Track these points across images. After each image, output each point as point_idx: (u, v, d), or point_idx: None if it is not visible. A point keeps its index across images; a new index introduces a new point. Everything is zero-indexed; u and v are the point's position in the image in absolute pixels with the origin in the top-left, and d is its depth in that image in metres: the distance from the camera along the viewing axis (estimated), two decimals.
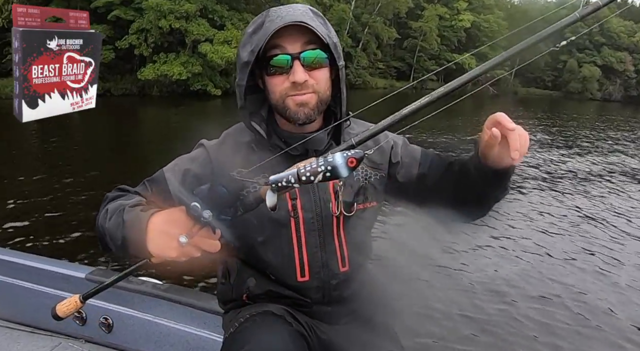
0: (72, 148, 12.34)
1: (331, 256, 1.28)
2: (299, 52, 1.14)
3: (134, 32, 26.31)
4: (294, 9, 1.16)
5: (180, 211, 0.97)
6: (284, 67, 1.14)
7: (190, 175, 1.25)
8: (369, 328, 1.34)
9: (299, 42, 1.14)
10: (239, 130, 1.33)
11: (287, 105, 1.17)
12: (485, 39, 57.02)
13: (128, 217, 1.06)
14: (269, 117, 1.29)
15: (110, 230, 1.09)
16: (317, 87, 1.17)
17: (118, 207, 1.12)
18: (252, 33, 1.16)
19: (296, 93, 1.16)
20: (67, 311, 1.27)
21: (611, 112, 36.39)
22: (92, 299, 2.09)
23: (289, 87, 1.15)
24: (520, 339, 4.27)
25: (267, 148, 1.26)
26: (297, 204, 1.24)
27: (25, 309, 2.23)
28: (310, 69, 1.15)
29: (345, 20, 43.30)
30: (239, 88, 1.20)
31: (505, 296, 4.99)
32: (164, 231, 0.98)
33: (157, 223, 1.00)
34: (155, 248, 1.00)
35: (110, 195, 1.25)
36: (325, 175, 0.90)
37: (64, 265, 2.23)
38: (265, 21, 1.15)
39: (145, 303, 2.07)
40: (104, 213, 1.14)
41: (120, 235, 1.06)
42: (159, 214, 1.02)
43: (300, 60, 1.14)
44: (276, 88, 1.17)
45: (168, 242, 0.97)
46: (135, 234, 1.02)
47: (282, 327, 1.18)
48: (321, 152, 1.25)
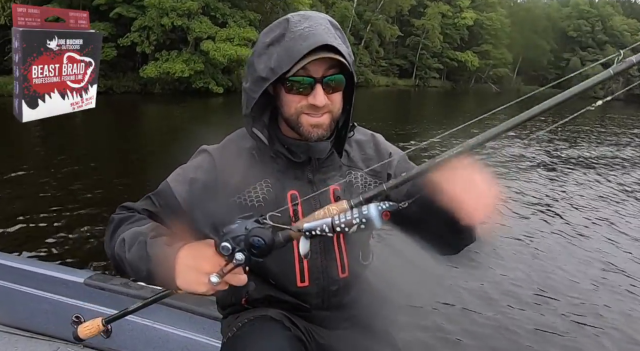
0: (74, 146, 12.29)
1: (331, 262, 1.28)
2: (322, 76, 1.13)
3: (136, 30, 26.27)
4: (316, 21, 1.13)
5: (209, 247, 1.02)
6: (305, 88, 1.13)
7: (197, 185, 1.24)
8: (368, 334, 1.34)
9: (322, 65, 1.12)
10: (241, 136, 1.32)
11: (301, 123, 1.17)
12: (487, 36, 56.91)
13: (153, 252, 1.07)
14: (270, 124, 1.28)
15: (132, 262, 1.10)
16: (332, 107, 1.18)
17: (135, 236, 1.13)
18: (269, 44, 1.14)
19: (312, 114, 1.16)
20: (89, 334, 1.27)
21: (614, 111, 36.35)
22: (90, 304, 2.12)
23: (306, 106, 1.15)
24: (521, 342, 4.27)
25: (269, 155, 1.26)
26: (298, 210, 1.24)
27: (23, 314, 2.22)
28: (329, 92, 1.15)
29: (348, 17, 43.24)
30: (249, 99, 1.18)
31: (508, 302, 4.98)
32: (193, 267, 1.01)
33: (186, 259, 1.03)
34: (184, 283, 1.03)
35: (117, 217, 1.24)
36: (359, 226, 0.95)
37: (62, 270, 2.22)
38: (287, 35, 1.12)
39: (144, 308, 2.07)
40: (120, 243, 1.15)
41: (145, 269, 1.08)
42: (186, 249, 1.04)
43: (322, 85, 1.13)
44: (292, 105, 1.16)
45: (197, 278, 1.00)
46: (162, 270, 1.05)
47: (280, 332, 1.18)
48: (323, 160, 1.27)
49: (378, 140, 1.42)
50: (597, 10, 65.27)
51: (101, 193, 7.92)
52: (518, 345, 4.21)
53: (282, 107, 1.19)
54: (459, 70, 56.96)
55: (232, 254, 0.96)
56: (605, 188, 10.54)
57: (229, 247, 0.96)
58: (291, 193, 1.24)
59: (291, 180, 1.25)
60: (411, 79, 54.86)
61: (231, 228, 0.98)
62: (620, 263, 6.16)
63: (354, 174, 1.33)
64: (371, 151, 1.38)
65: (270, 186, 1.24)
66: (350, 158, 1.34)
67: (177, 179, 1.26)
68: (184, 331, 2.02)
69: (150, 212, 1.26)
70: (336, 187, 1.27)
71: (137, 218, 1.23)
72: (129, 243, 1.12)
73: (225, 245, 0.96)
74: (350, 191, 1.30)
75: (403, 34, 52.60)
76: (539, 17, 62.11)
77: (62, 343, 2.18)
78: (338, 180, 1.29)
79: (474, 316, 4.60)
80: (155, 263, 1.06)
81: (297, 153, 1.24)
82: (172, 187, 1.25)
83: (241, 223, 0.98)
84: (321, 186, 1.26)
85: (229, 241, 0.96)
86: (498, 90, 58.13)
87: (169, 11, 25.57)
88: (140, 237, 1.11)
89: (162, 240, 1.10)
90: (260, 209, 1.20)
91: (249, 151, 1.28)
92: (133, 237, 1.13)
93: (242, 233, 0.96)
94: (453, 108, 30.48)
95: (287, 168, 1.26)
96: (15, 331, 2.23)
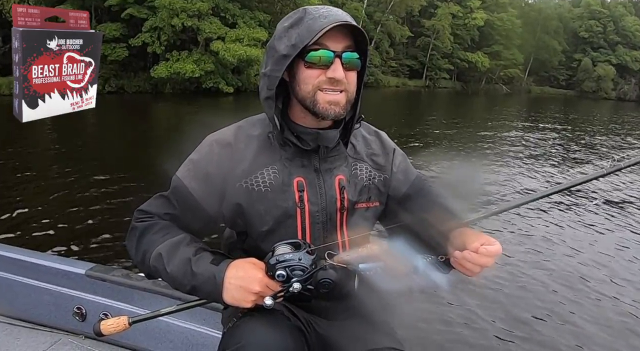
0: (85, 145, 12.39)
1: (333, 251, 1.29)
2: (341, 51, 1.17)
3: (147, 30, 26.44)
4: (335, 10, 1.19)
5: (257, 270, 1.13)
6: (325, 63, 1.17)
7: (214, 180, 1.25)
8: (367, 324, 1.35)
9: (341, 43, 1.17)
10: (250, 123, 1.34)
11: (317, 100, 1.19)
12: (498, 37, 56.60)
13: (199, 270, 1.16)
14: (282, 111, 1.30)
15: (174, 277, 1.19)
16: (348, 87, 1.21)
17: (173, 249, 1.20)
18: (288, 27, 1.18)
19: (329, 89, 1.18)
20: (112, 331, 1.28)
21: (627, 111, 36.07)
22: (92, 295, 2.13)
23: (324, 81, 1.18)
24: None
25: (279, 142, 1.28)
26: (304, 196, 1.26)
27: (25, 305, 2.23)
28: (346, 69, 1.18)
29: (358, 18, 43.14)
30: (271, 79, 1.20)
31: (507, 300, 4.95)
32: (242, 287, 1.12)
33: (234, 280, 1.13)
34: (232, 300, 1.13)
35: (140, 225, 1.26)
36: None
37: (64, 261, 2.22)
38: (306, 18, 1.17)
39: (145, 299, 2.06)
40: (156, 257, 1.20)
41: (190, 285, 1.17)
42: (234, 268, 1.15)
43: (341, 59, 1.17)
44: (310, 81, 1.19)
45: (246, 297, 1.12)
46: (209, 287, 1.15)
47: (280, 322, 1.19)
48: (330, 150, 1.30)
49: (382, 137, 1.46)
50: (609, 10, 64.69)
51: (106, 187, 8.03)
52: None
53: (299, 86, 1.21)
54: (470, 71, 56.69)
55: (289, 283, 1.09)
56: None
57: (284, 275, 1.08)
58: (297, 180, 1.26)
59: (298, 167, 1.28)
60: (421, 80, 54.67)
61: (285, 257, 1.09)
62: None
63: (359, 166, 1.36)
64: (376, 147, 1.43)
65: (277, 172, 1.26)
66: (356, 151, 1.38)
67: (190, 175, 1.27)
68: (184, 322, 2.02)
69: (171, 215, 1.28)
70: (341, 177, 1.31)
71: (161, 225, 1.26)
72: (167, 257, 1.19)
73: (281, 273, 1.08)
74: (355, 182, 1.34)
75: (413, 34, 52.44)
76: (550, 18, 61.69)
77: (63, 334, 2.19)
78: (343, 171, 1.32)
79: (475, 311, 4.59)
80: (202, 281, 1.15)
81: (306, 141, 1.26)
82: (187, 184, 1.26)
83: (293, 253, 1.11)
84: (327, 175, 1.29)
85: (285, 270, 1.08)
86: (508, 90, 57.83)
87: (179, 12, 25.70)
88: (180, 254, 1.19)
89: (206, 257, 1.19)
90: (267, 194, 1.24)
91: (259, 138, 1.30)
92: (171, 251, 1.20)
93: (296, 264, 1.09)
94: (464, 109, 30.41)
95: (294, 155, 1.28)
96: (17, 322, 2.24)
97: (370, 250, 1.14)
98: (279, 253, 1.11)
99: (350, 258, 1.14)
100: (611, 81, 61.00)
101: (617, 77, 61.60)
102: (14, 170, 9.07)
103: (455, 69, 56.24)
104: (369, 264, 1.09)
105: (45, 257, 2.30)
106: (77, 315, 2.14)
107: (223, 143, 1.28)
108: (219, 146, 1.28)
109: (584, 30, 64.24)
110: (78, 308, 2.14)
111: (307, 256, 1.10)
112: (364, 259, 1.13)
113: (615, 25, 63.15)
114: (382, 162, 1.40)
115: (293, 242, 1.15)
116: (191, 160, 1.30)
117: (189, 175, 1.27)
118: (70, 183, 8.30)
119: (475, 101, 42.38)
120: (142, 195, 7.28)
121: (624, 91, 61.82)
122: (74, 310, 2.14)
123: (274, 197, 1.24)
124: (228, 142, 1.28)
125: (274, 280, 1.11)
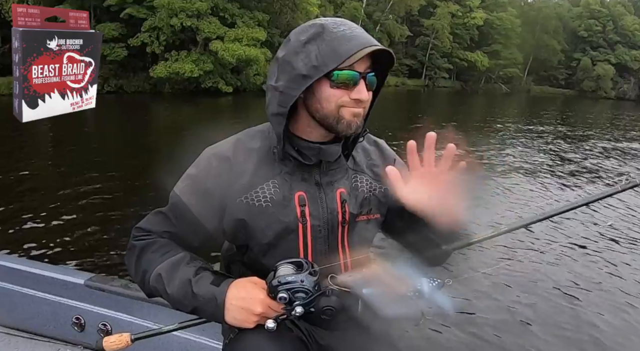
0: (85, 145, 12.34)
1: (334, 262, 1.28)
2: (365, 72, 1.16)
3: (146, 30, 26.44)
4: (352, 25, 1.18)
5: (259, 290, 1.13)
6: (349, 82, 1.15)
7: (213, 195, 1.23)
8: (369, 335, 1.34)
9: (365, 63, 1.16)
10: (249, 136, 1.32)
11: (343, 116, 1.18)
12: (497, 36, 56.59)
13: (199, 291, 1.16)
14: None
15: (175, 298, 1.18)
16: (366, 105, 1.21)
17: (172, 269, 1.19)
18: (305, 42, 1.15)
19: (353, 107, 1.17)
20: (115, 348, 1.29)
21: (626, 111, 36.00)
22: (90, 305, 2.13)
23: (348, 101, 1.16)
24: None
25: (279, 157, 1.26)
26: (305, 211, 1.25)
27: (24, 315, 2.22)
28: (368, 89, 1.18)
29: (357, 18, 43.17)
30: (285, 97, 1.16)
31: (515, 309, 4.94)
32: (244, 309, 1.12)
33: (236, 301, 1.13)
34: (233, 320, 1.14)
35: (138, 244, 1.25)
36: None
37: (62, 271, 2.22)
38: (325, 35, 1.14)
39: (144, 309, 2.06)
40: (156, 277, 1.20)
41: (191, 305, 1.17)
42: (235, 289, 1.15)
43: (365, 80, 1.16)
44: (333, 100, 1.16)
45: (248, 318, 1.12)
46: (211, 308, 1.15)
47: (281, 334, 1.18)
48: (331, 163, 1.29)
49: (382, 147, 1.46)
50: (608, 10, 64.63)
51: (106, 194, 7.92)
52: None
53: (320, 104, 1.18)
54: (469, 71, 56.68)
55: (292, 306, 1.08)
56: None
57: (286, 297, 1.07)
58: (299, 195, 1.25)
59: (298, 181, 1.26)
60: (421, 79, 54.68)
61: (287, 279, 1.08)
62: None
63: (359, 178, 1.35)
64: (376, 157, 1.42)
65: (277, 186, 1.24)
66: (356, 163, 1.37)
67: (188, 190, 1.25)
68: (184, 333, 2.01)
69: (170, 233, 1.26)
70: (342, 190, 1.30)
71: (160, 244, 1.25)
72: (167, 278, 1.18)
73: (283, 295, 1.07)
74: (356, 195, 1.32)
75: (412, 34, 52.43)
76: (549, 17, 61.65)
77: (62, 344, 2.18)
78: (344, 184, 1.31)
79: (477, 321, 4.55)
80: (203, 302, 1.15)
81: (307, 156, 1.24)
82: (185, 200, 1.24)
83: (295, 274, 1.09)
84: (328, 188, 1.28)
85: (287, 292, 1.07)
86: (508, 90, 57.82)
87: (178, 12, 25.73)
88: (180, 274, 1.18)
89: (206, 278, 1.18)
90: (268, 209, 1.22)
91: (257, 151, 1.28)
92: (170, 271, 1.19)
93: (299, 287, 1.07)
94: (459, 105, 30.36)
95: (294, 169, 1.26)
96: (16, 332, 2.23)
97: (373, 272, 1.14)
98: (281, 275, 1.10)
99: (353, 281, 1.13)
100: (610, 80, 60.95)
101: (617, 76, 61.55)
102: (13, 170, 9.05)
103: (455, 68, 56.23)
104: (373, 289, 1.09)
105: (44, 266, 2.29)
106: (75, 325, 2.13)
107: (222, 157, 1.26)
108: (217, 160, 1.26)
109: (583, 29, 64.18)
110: (77, 319, 2.13)
111: (309, 277, 1.09)
112: (368, 282, 1.12)
113: (614, 24, 63.10)
114: (382, 173, 1.36)
115: (295, 261, 1.14)
116: (189, 175, 1.28)
117: (188, 190, 1.25)
118: (69, 186, 8.22)
119: (474, 100, 42.36)
120: (142, 198, 7.29)
121: (623, 90, 61.81)
122: (73, 320, 2.14)
123: (275, 212, 1.23)
124: (227, 156, 1.26)
125: (275, 301, 1.10)
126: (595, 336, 4.45)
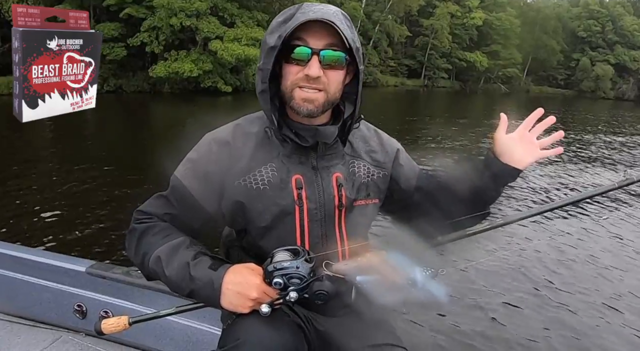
0: (85, 144, 12.38)
1: (332, 248, 1.30)
2: (319, 49, 1.16)
3: (145, 30, 26.43)
4: (327, 8, 1.19)
5: (255, 276, 1.14)
6: (303, 59, 1.16)
7: (213, 179, 1.25)
8: (366, 320, 1.35)
9: (323, 40, 1.17)
10: (248, 121, 1.34)
11: (293, 96, 1.20)
12: (497, 37, 56.62)
13: (197, 274, 1.17)
14: (280, 108, 1.30)
15: (173, 281, 1.19)
16: (328, 87, 1.20)
17: (172, 252, 1.20)
18: (282, 22, 1.19)
19: (306, 86, 1.18)
20: (113, 330, 1.31)
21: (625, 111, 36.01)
22: (92, 292, 2.13)
23: (301, 78, 1.18)
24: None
25: (278, 138, 1.28)
26: (302, 194, 1.26)
27: (25, 302, 2.23)
28: (327, 67, 1.18)
29: (357, 18, 43.14)
30: (262, 73, 1.20)
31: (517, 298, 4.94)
32: (240, 293, 1.13)
33: (232, 285, 1.14)
34: (229, 305, 1.15)
35: (139, 227, 1.26)
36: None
37: (64, 259, 2.22)
38: (297, 12, 1.17)
39: (145, 297, 2.07)
40: (155, 260, 1.20)
41: (188, 289, 1.18)
42: (232, 275, 1.15)
43: (318, 57, 1.16)
44: (289, 76, 1.19)
45: (244, 303, 1.13)
46: (207, 291, 1.16)
47: (279, 319, 1.19)
48: (328, 148, 1.30)
49: (381, 135, 1.47)
50: (608, 10, 64.69)
51: (106, 185, 8.03)
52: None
53: (284, 82, 1.22)
54: (468, 71, 56.68)
55: (286, 291, 1.09)
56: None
57: (281, 283, 1.08)
58: (296, 178, 1.27)
59: (295, 164, 1.28)
60: (420, 79, 54.67)
61: (283, 265, 1.09)
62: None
63: (357, 164, 1.36)
64: (375, 144, 1.43)
65: (275, 170, 1.26)
66: (353, 149, 1.38)
67: (189, 174, 1.27)
68: (184, 319, 2.03)
69: (171, 215, 1.28)
70: (339, 174, 1.31)
71: (161, 227, 1.26)
72: (165, 260, 1.19)
73: (278, 281, 1.08)
74: (353, 180, 1.34)
75: (412, 34, 52.44)
76: (548, 17, 61.70)
77: (64, 331, 2.19)
78: (340, 169, 1.32)
79: (471, 310, 4.58)
80: (200, 285, 1.16)
81: (304, 137, 1.25)
82: (186, 183, 1.26)
83: (291, 260, 1.10)
84: (324, 172, 1.30)
85: (282, 278, 1.08)
86: (507, 90, 57.85)
87: (177, 11, 25.73)
88: (179, 257, 1.19)
89: (204, 262, 1.19)
90: (265, 192, 1.24)
91: (257, 135, 1.30)
92: (170, 254, 1.20)
93: (294, 272, 1.08)
94: (460, 107, 30.38)
95: (292, 152, 1.28)
96: (17, 320, 2.24)
97: (368, 261, 1.14)
98: (277, 261, 1.11)
99: (348, 269, 1.14)
100: (609, 81, 61.01)
101: (616, 76, 61.61)
102: (13, 170, 9.05)
103: (454, 68, 56.24)
104: (367, 277, 1.10)
105: (45, 254, 2.29)
106: (77, 312, 2.15)
107: (221, 141, 1.28)
108: (217, 145, 1.28)
109: (582, 29, 64.25)
110: (78, 306, 2.14)
111: (305, 264, 1.11)
112: (362, 270, 1.13)
113: (613, 24, 63.15)
114: (382, 159, 1.41)
115: (292, 248, 1.15)
116: (190, 159, 1.30)
117: (188, 174, 1.27)
118: (70, 182, 8.30)
119: (474, 100, 42.40)
120: (141, 191, 7.36)
121: (622, 90, 61.84)
122: (75, 308, 2.15)
123: (273, 195, 1.25)
124: (226, 140, 1.28)
125: (271, 287, 1.12)
126: (588, 324, 4.53)
